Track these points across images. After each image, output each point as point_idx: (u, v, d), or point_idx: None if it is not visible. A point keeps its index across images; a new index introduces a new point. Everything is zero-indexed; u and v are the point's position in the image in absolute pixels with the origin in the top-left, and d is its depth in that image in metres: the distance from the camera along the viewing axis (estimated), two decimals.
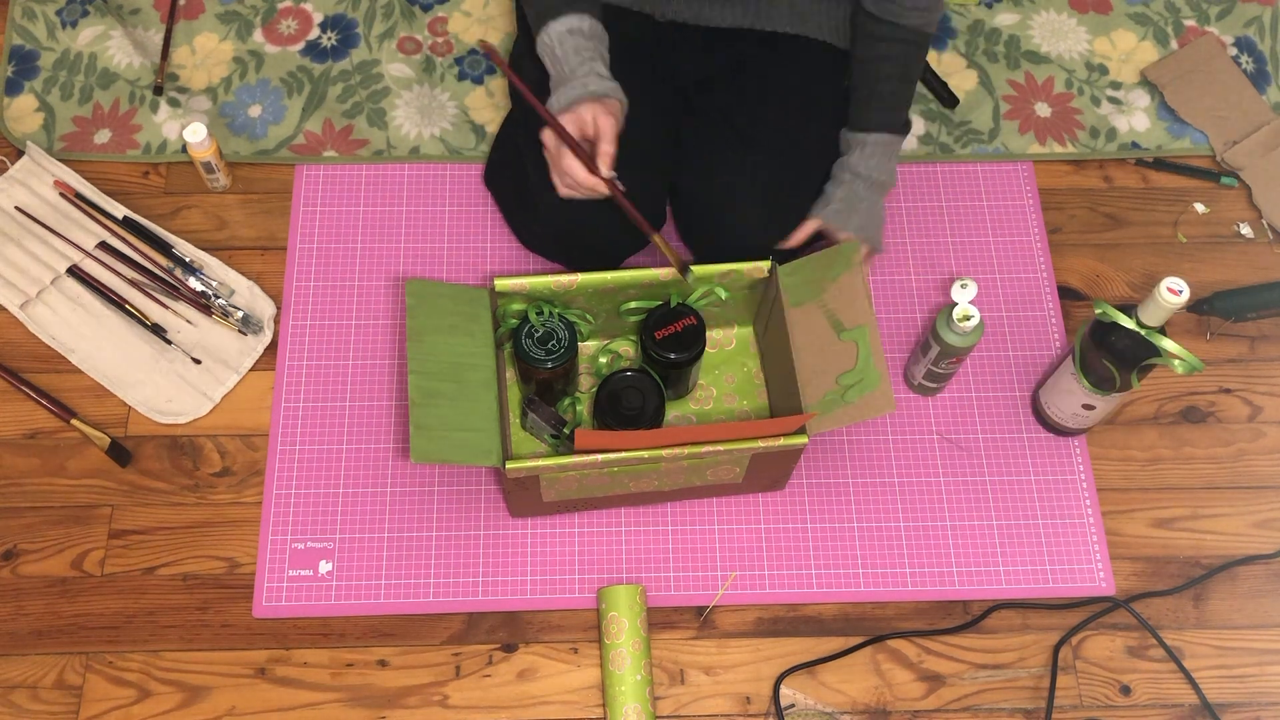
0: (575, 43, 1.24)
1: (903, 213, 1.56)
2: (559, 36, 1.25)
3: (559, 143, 1.21)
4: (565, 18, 1.25)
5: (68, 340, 1.44)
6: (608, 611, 1.28)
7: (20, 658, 1.29)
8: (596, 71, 1.24)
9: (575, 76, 1.23)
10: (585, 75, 1.23)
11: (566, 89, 1.23)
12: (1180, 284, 1.17)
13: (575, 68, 1.23)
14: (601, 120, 1.22)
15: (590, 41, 1.26)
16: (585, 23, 1.26)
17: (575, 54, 1.24)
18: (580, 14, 1.26)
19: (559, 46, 1.25)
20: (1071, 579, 1.36)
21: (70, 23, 1.65)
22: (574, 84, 1.23)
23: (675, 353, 1.29)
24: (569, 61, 1.24)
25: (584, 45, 1.25)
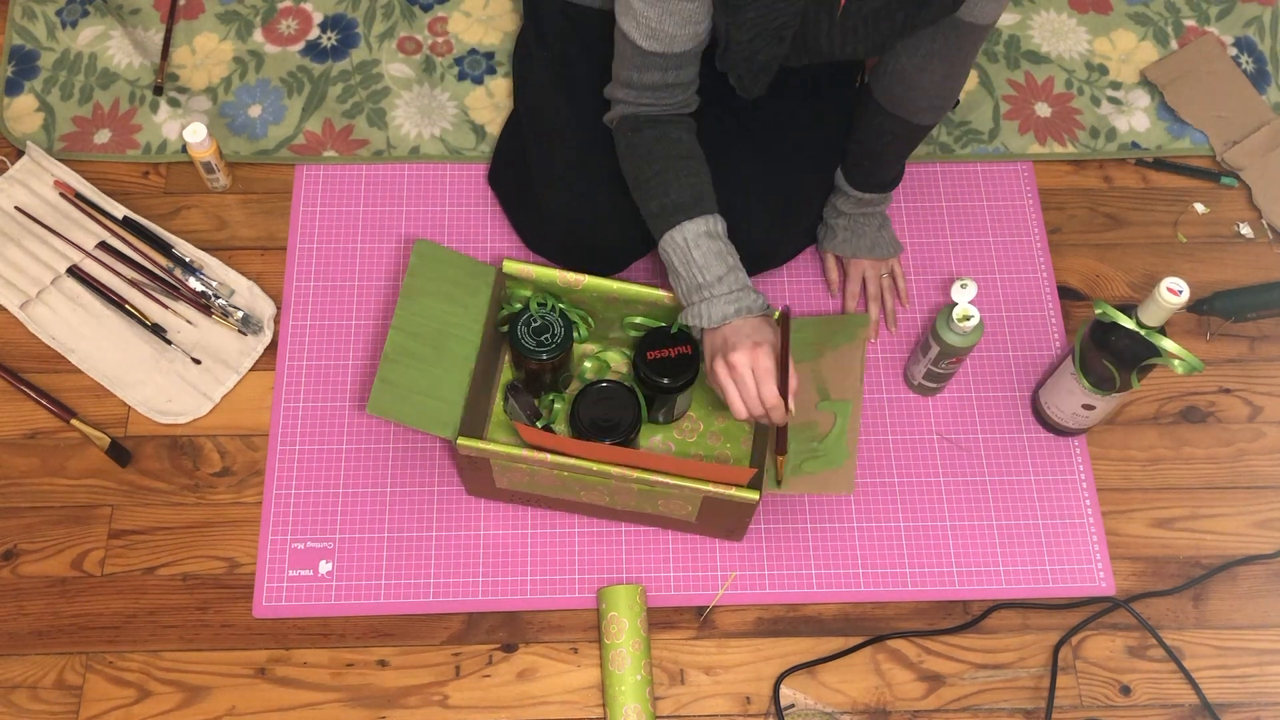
0: (714, 247, 1.19)
1: (903, 213, 1.56)
2: (694, 239, 1.18)
3: (766, 373, 1.14)
4: (700, 219, 1.19)
5: (68, 340, 1.44)
6: (608, 611, 1.28)
7: (20, 658, 1.29)
8: (746, 284, 1.18)
9: (722, 285, 1.17)
10: (738, 287, 1.18)
11: (721, 300, 1.17)
12: (1180, 284, 1.17)
13: (721, 275, 1.18)
14: (769, 347, 1.16)
15: (727, 244, 1.20)
16: (718, 224, 1.21)
17: (717, 259, 1.18)
18: (712, 214, 1.20)
19: (694, 249, 1.18)
20: (1071, 579, 1.36)
21: (70, 23, 1.65)
22: (729, 295, 1.17)
23: (663, 377, 1.29)
24: (710, 268, 1.18)
25: (723, 250, 1.19)
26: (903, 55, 1.24)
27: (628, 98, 1.23)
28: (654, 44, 1.16)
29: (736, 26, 1.18)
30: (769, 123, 1.41)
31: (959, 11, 1.17)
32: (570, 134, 1.37)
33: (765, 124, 1.41)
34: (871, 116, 1.33)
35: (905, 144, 1.36)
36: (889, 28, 1.16)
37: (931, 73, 1.24)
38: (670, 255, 1.20)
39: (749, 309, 1.17)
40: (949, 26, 1.19)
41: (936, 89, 1.27)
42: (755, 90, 1.26)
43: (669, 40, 1.16)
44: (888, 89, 1.29)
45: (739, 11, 1.16)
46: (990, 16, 1.17)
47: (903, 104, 1.29)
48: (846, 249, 1.45)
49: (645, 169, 1.22)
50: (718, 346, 1.17)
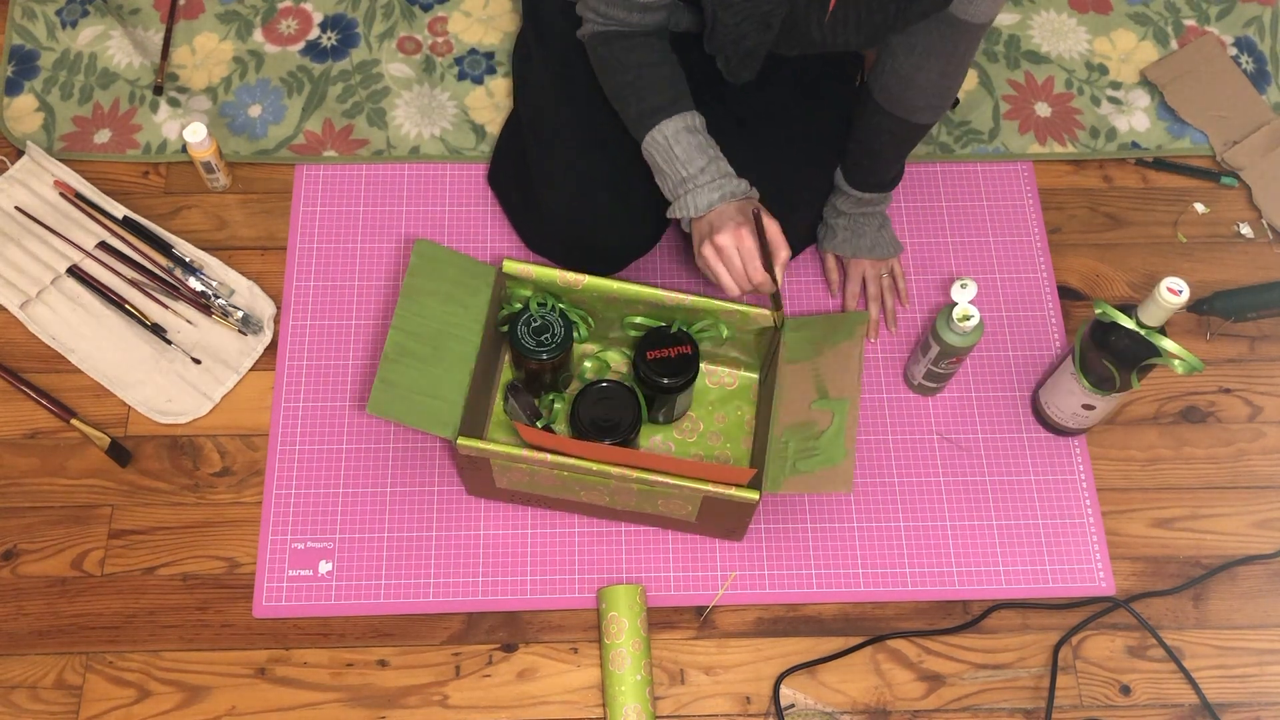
0: (694, 140, 1.23)
1: (903, 213, 1.56)
2: (674, 135, 1.23)
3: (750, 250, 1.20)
4: (677, 117, 1.24)
5: (68, 340, 1.44)
6: (608, 611, 1.28)
7: (20, 658, 1.29)
8: (728, 171, 1.23)
9: (705, 175, 1.23)
10: (719, 175, 1.23)
11: (705, 189, 1.22)
12: (1180, 284, 1.17)
13: (703, 166, 1.23)
14: (770, 223, 1.22)
15: (706, 138, 1.25)
16: (697, 119, 1.25)
17: (698, 152, 1.23)
18: (690, 111, 1.25)
19: (676, 145, 1.23)
20: (1071, 579, 1.36)
21: (70, 23, 1.65)
22: (712, 184, 1.22)
23: (662, 377, 1.29)
24: (692, 161, 1.23)
25: (703, 143, 1.24)
26: (899, 53, 1.25)
27: (595, 19, 1.26)
28: None
29: (724, 8, 1.19)
30: (767, 121, 1.41)
31: (954, 9, 1.17)
32: (570, 134, 1.37)
33: (763, 122, 1.42)
34: (870, 115, 1.33)
35: (904, 143, 1.36)
36: (881, 20, 1.17)
37: (928, 71, 1.24)
38: (653, 154, 1.24)
39: (733, 193, 1.22)
40: (945, 24, 1.19)
41: (934, 88, 1.27)
42: (744, 75, 1.28)
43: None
44: (885, 87, 1.29)
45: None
46: (986, 15, 1.17)
47: (900, 103, 1.29)
48: (846, 249, 1.45)
49: (621, 76, 1.26)
50: (704, 232, 1.22)
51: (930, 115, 1.31)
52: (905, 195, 1.57)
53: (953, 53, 1.22)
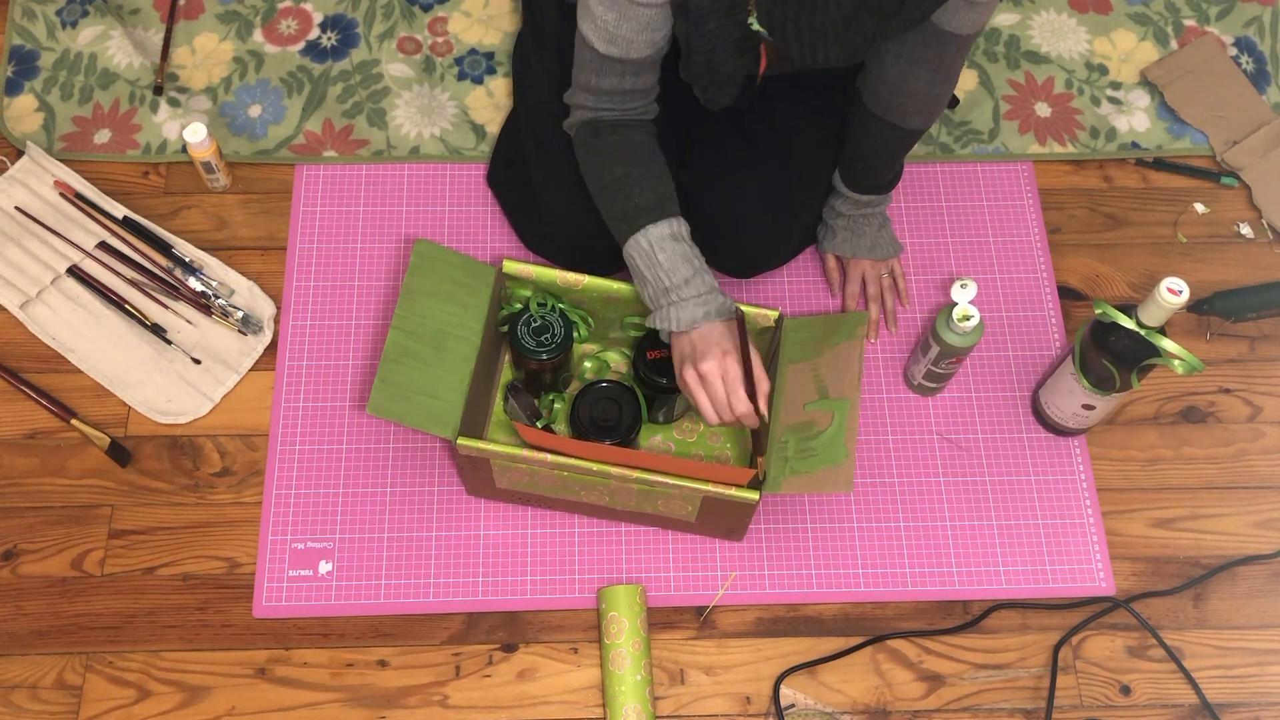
0: (679, 249, 1.19)
1: (903, 213, 1.56)
2: (658, 242, 1.18)
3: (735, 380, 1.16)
4: (663, 222, 1.19)
5: (68, 340, 1.44)
6: (608, 611, 1.28)
7: (20, 658, 1.29)
8: (713, 286, 1.19)
9: (689, 287, 1.17)
10: (705, 290, 1.18)
11: (690, 303, 1.17)
12: (1180, 284, 1.17)
13: (688, 278, 1.18)
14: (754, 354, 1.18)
15: (691, 247, 1.20)
16: (683, 227, 1.20)
17: (683, 262, 1.18)
18: (676, 217, 1.20)
19: (660, 252, 1.18)
20: (1071, 579, 1.36)
21: (70, 23, 1.65)
22: (698, 299, 1.17)
23: (662, 376, 1.29)
24: (676, 270, 1.18)
25: (689, 252, 1.19)
26: (887, 62, 1.24)
27: (587, 103, 1.23)
28: (612, 49, 1.15)
29: (697, 36, 1.16)
30: (764, 123, 1.41)
31: (939, 21, 1.16)
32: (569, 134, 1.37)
33: (760, 124, 1.41)
34: (862, 121, 1.33)
35: (898, 147, 1.36)
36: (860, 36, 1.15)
37: (916, 80, 1.24)
38: (635, 259, 1.20)
39: (717, 312, 1.17)
40: (931, 35, 1.19)
41: (923, 95, 1.27)
42: (722, 101, 1.25)
43: (627, 45, 1.14)
44: (875, 94, 1.29)
45: (699, 23, 1.14)
46: (971, 27, 1.17)
47: (891, 109, 1.29)
48: (846, 249, 1.45)
49: (607, 174, 1.22)
50: (686, 354, 1.18)
51: (922, 120, 1.31)
52: (905, 195, 1.57)
53: (940, 61, 1.22)
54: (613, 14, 1.12)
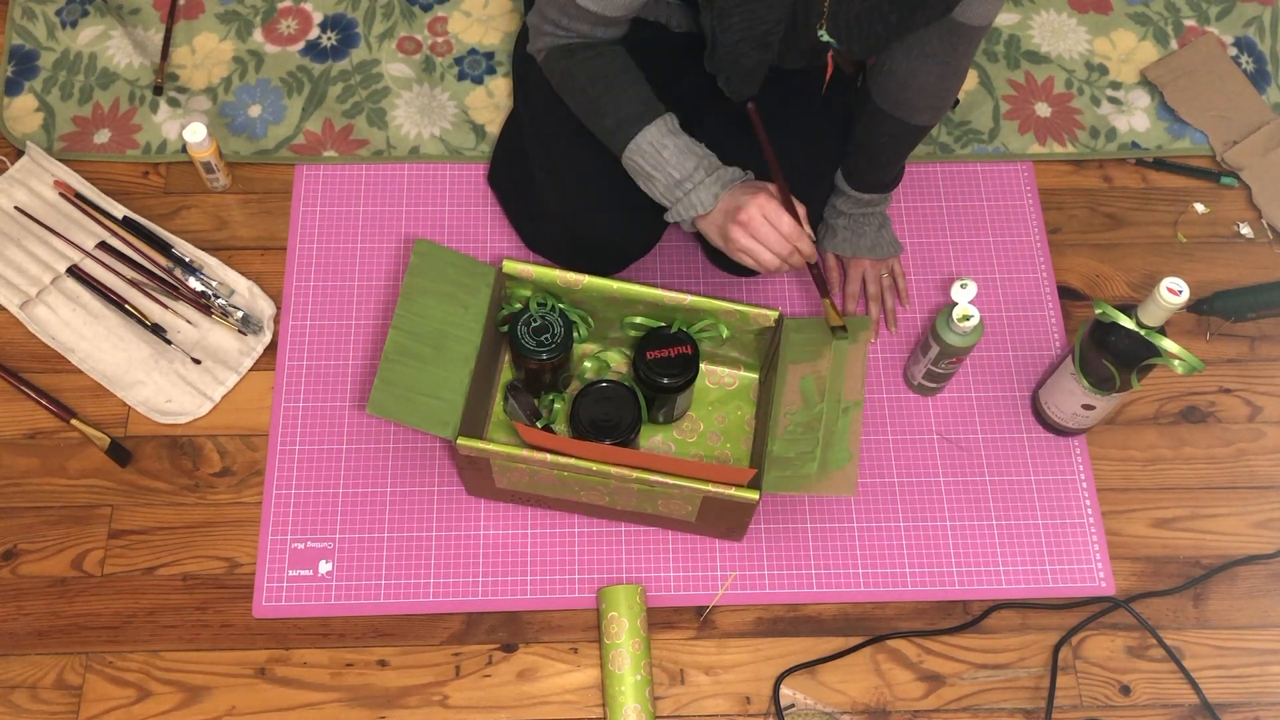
0: (680, 142, 1.22)
1: (903, 213, 1.56)
2: (659, 140, 1.21)
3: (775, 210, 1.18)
4: (658, 121, 1.22)
5: (68, 340, 1.44)
6: (608, 611, 1.28)
7: (20, 658, 1.29)
8: (719, 164, 1.22)
9: (700, 171, 1.21)
10: (715, 168, 1.21)
11: (705, 184, 1.20)
12: (1180, 284, 1.17)
13: (696, 164, 1.21)
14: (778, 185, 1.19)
15: (690, 138, 1.23)
16: (675, 122, 1.23)
17: (687, 152, 1.21)
18: (668, 114, 1.23)
19: (663, 150, 1.21)
20: (1071, 579, 1.36)
21: (70, 23, 1.65)
22: (711, 177, 1.21)
23: (662, 377, 1.29)
24: (684, 162, 1.21)
25: (689, 143, 1.22)
26: (898, 56, 1.24)
27: (554, 32, 1.25)
28: (588, 1, 1.17)
29: (723, 29, 1.18)
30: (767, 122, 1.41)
31: (954, 12, 1.16)
32: (570, 133, 1.37)
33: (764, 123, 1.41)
34: (869, 118, 1.33)
35: (904, 144, 1.36)
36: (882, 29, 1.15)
37: (927, 74, 1.24)
38: (639, 162, 1.23)
39: (732, 179, 1.21)
40: (944, 28, 1.19)
41: (933, 90, 1.27)
42: (745, 93, 1.27)
43: (604, 3, 1.18)
44: (884, 90, 1.29)
45: (725, 15, 1.16)
46: (985, 18, 1.17)
47: (900, 105, 1.29)
48: (847, 248, 1.45)
49: (589, 89, 1.24)
50: (721, 220, 1.20)
51: (929, 117, 1.31)
52: (905, 195, 1.57)
53: (951, 55, 1.22)
54: None
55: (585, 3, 1.17)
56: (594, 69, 1.24)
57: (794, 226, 1.18)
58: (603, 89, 1.24)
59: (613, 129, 1.24)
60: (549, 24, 1.24)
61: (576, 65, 1.25)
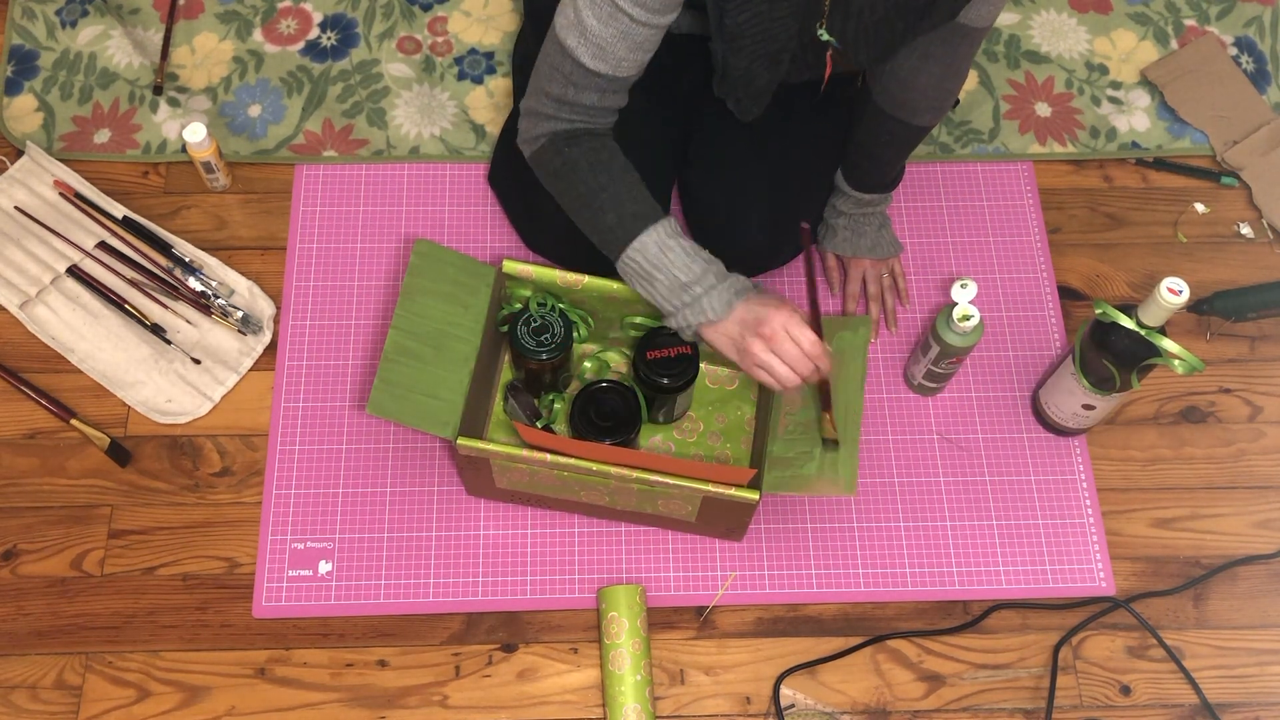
0: (686, 245, 1.16)
1: (903, 213, 1.56)
2: (665, 242, 1.15)
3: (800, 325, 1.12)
4: (663, 223, 1.16)
5: (67, 340, 1.44)
6: (608, 611, 1.28)
7: (20, 658, 1.29)
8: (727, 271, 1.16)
9: (709, 276, 1.15)
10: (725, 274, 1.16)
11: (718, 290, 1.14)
12: (1180, 284, 1.17)
13: (704, 268, 1.15)
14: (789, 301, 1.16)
15: (689, 240, 1.17)
16: (673, 223, 1.17)
17: (695, 255, 1.15)
18: (670, 218, 1.17)
19: (669, 252, 1.15)
20: (1071, 579, 1.36)
21: (70, 23, 1.65)
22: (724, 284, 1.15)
23: (662, 377, 1.29)
24: (692, 265, 1.15)
25: (694, 246, 1.16)
26: (900, 58, 1.24)
27: (556, 113, 1.16)
28: (600, 64, 1.10)
29: (734, 52, 1.15)
30: (766, 124, 1.41)
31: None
32: None
33: (762, 124, 1.41)
34: (870, 118, 1.33)
35: (904, 145, 1.36)
36: (889, 38, 1.15)
37: (929, 74, 1.24)
38: (640, 263, 1.16)
39: (745, 289, 1.16)
40: (946, 29, 1.19)
41: (934, 90, 1.27)
42: (754, 111, 1.24)
43: (616, 63, 1.11)
44: (885, 91, 1.29)
45: (736, 39, 1.14)
46: (987, 19, 1.17)
47: (901, 105, 1.29)
48: (847, 248, 1.45)
49: (589, 182, 1.17)
50: (736, 332, 1.14)
51: (930, 117, 1.31)
52: (905, 195, 1.57)
53: (953, 56, 1.22)
54: (610, 30, 1.08)
55: (597, 66, 1.10)
56: (598, 159, 1.17)
57: (817, 344, 1.12)
58: (605, 182, 1.17)
59: (613, 226, 1.16)
60: (550, 102, 1.16)
61: (578, 156, 1.17)
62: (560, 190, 1.20)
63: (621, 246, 1.16)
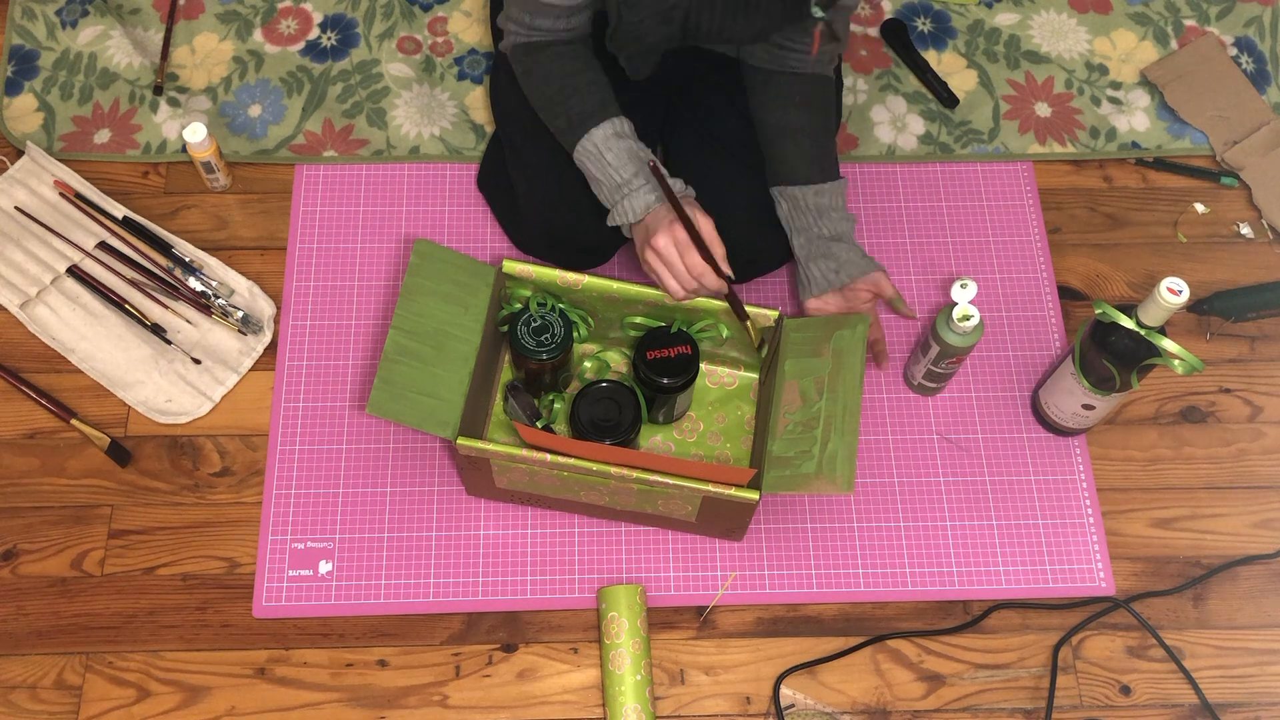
0: (624, 145, 1.23)
1: (903, 213, 1.56)
2: (603, 142, 1.23)
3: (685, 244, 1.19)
4: (606, 123, 1.24)
5: (68, 340, 1.44)
6: (608, 611, 1.28)
7: (20, 658, 1.29)
8: (661, 173, 1.22)
9: (639, 178, 1.22)
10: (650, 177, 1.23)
11: (639, 191, 1.22)
12: (1180, 284, 1.17)
13: (636, 170, 1.23)
14: (702, 220, 1.20)
15: (637, 143, 1.25)
16: (625, 125, 1.25)
17: (630, 157, 1.23)
18: (618, 116, 1.25)
19: (607, 152, 1.23)
20: (1071, 579, 1.36)
21: (70, 23, 1.65)
22: (646, 185, 1.22)
23: (662, 377, 1.29)
24: (624, 167, 1.23)
25: (634, 148, 1.24)
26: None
27: (519, 30, 1.27)
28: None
29: (629, 7, 1.20)
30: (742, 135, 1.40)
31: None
32: (540, 132, 1.37)
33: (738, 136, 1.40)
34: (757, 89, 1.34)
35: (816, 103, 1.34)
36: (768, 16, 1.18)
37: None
38: (585, 163, 1.24)
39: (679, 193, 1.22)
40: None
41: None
42: (644, 71, 1.30)
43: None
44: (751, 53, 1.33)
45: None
46: None
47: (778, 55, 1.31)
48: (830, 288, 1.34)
49: (546, 88, 1.27)
50: (643, 237, 1.22)
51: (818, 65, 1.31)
52: (905, 195, 1.57)
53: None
54: None
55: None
56: (553, 68, 1.26)
57: (700, 263, 1.19)
58: (558, 87, 1.26)
59: (565, 128, 1.26)
60: (514, 23, 1.27)
61: (537, 64, 1.27)
62: (530, 96, 1.31)
63: (572, 146, 1.25)
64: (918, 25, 1.70)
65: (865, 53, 1.68)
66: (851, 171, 1.59)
